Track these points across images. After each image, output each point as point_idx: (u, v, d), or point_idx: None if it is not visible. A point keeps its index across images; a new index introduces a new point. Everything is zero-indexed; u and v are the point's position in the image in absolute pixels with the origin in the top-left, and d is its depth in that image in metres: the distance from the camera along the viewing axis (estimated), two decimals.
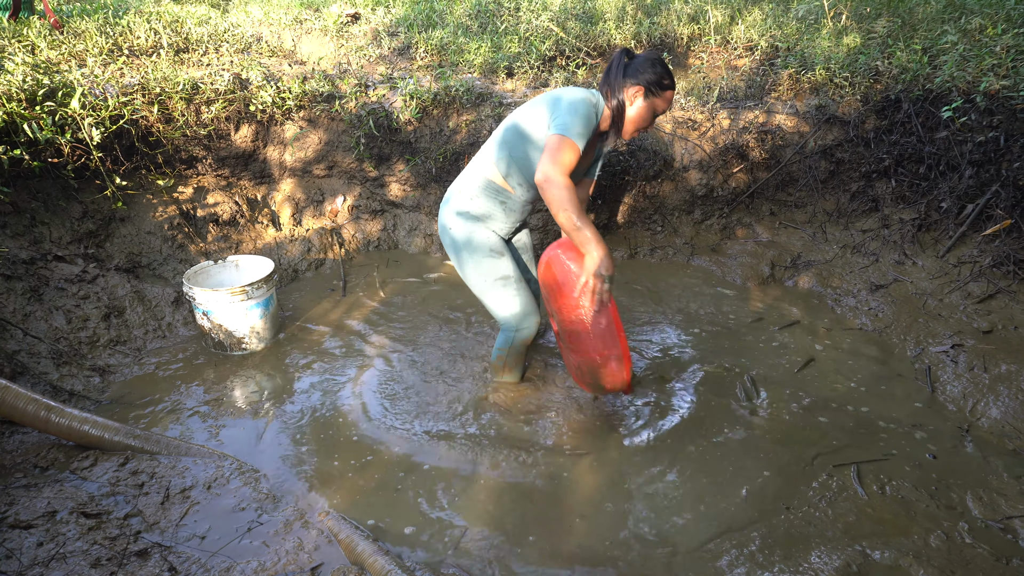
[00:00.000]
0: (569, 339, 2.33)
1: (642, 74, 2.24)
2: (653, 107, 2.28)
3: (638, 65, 2.25)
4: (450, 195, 2.50)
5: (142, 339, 3.05)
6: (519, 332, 2.56)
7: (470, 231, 2.43)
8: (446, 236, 2.50)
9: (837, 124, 3.74)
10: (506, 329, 2.59)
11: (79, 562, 1.77)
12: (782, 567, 1.87)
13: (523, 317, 2.52)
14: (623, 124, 2.30)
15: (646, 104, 2.27)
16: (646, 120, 2.31)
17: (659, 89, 2.25)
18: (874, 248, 3.53)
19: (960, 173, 3.29)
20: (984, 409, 2.51)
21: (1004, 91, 3.10)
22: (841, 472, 2.23)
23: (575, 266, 2.15)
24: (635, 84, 2.24)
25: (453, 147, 3.96)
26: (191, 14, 4.76)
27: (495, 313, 2.54)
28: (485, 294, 2.50)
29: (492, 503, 2.14)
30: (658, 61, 2.25)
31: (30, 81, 3.13)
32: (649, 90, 2.25)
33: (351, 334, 3.20)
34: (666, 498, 2.15)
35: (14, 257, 2.89)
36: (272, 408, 2.65)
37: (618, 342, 2.12)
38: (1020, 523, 1.99)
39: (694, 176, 3.91)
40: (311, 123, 3.97)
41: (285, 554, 1.90)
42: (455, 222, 2.44)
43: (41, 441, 2.31)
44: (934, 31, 3.75)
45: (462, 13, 5.11)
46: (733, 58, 4.43)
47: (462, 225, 2.43)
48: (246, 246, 3.87)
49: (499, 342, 2.66)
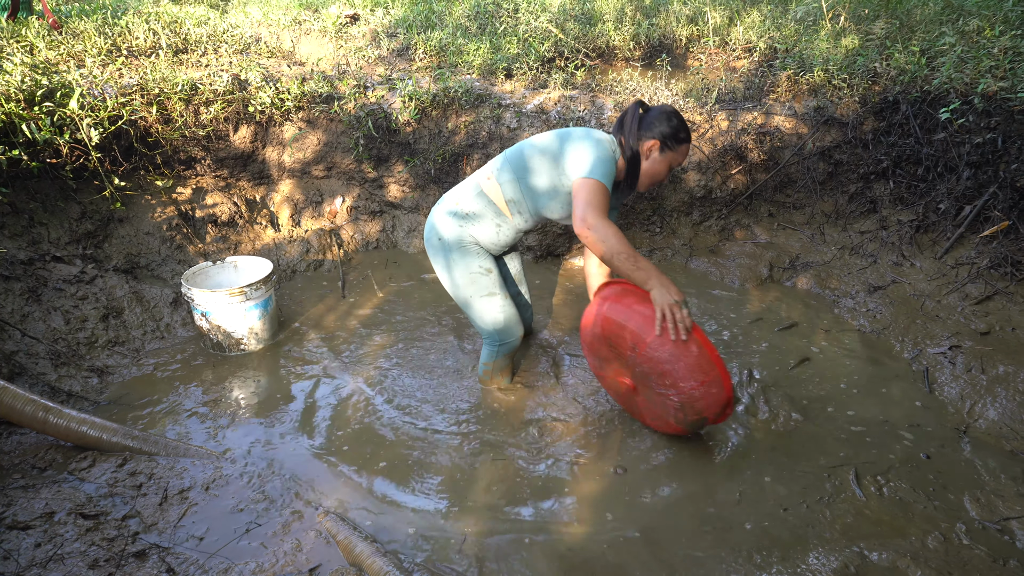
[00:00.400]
0: (658, 383, 2.12)
1: (658, 127, 2.21)
2: (669, 161, 2.26)
3: (653, 118, 2.22)
4: (444, 200, 2.48)
5: (140, 340, 3.05)
6: (503, 346, 2.57)
7: (460, 236, 2.40)
8: (433, 239, 2.45)
9: (835, 126, 3.75)
10: (490, 343, 2.59)
11: (77, 563, 1.77)
12: (780, 568, 1.87)
13: (507, 331, 2.52)
14: (638, 177, 2.27)
15: (662, 158, 2.24)
16: (662, 174, 2.28)
17: (675, 143, 2.22)
18: (872, 249, 3.54)
19: (958, 175, 3.29)
20: (982, 410, 2.52)
21: (1002, 93, 3.10)
22: (839, 473, 2.23)
23: (640, 307, 2.07)
24: (651, 138, 2.21)
25: (452, 148, 3.96)
26: (190, 15, 4.76)
27: (478, 326, 2.54)
28: (469, 307, 2.48)
29: (490, 504, 2.14)
30: (674, 114, 2.22)
31: (28, 81, 3.13)
32: (665, 144, 2.22)
33: (350, 335, 3.20)
34: (663, 499, 2.15)
35: (12, 258, 2.89)
36: (270, 409, 2.64)
37: (713, 365, 2.01)
38: (1017, 524, 2.00)
39: (692, 177, 3.91)
40: (310, 124, 3.97)
41: (283, 555, 1.90)
42: (446, 224, 2.41)
43: (39, 442, 2.31)
44: (932, 33, 3.76)
45: (461, 14, 5.11)
46: (732, 59, 4.43)
47: (455, 229, 2.40)
48: (245, 247, 3.87)
49: (483, 356, 2.66)
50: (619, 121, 2.31)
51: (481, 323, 2.52)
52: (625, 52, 4.67)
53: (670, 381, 2.07)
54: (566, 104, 3.98)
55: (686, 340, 2.00)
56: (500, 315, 2.48)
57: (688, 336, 2.00)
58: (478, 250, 2.44)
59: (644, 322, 2.07)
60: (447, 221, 2.42)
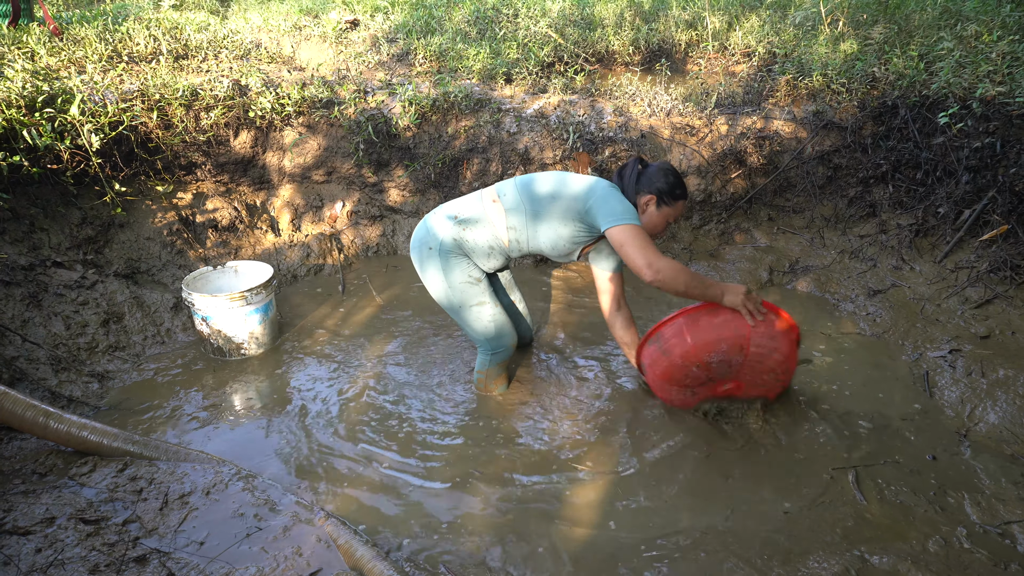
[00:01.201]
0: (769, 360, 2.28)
1: (655, 183, 2.32)
2: (666, 216, 2.35)
3: (651, 174, 2.33)
4: (443, 206, 2.50)
5: (141, 345, 3.05)
6: (495, 354, 2.59)
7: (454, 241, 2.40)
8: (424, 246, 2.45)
9: (834, 130, 3.76)
10: (482, 351, 2.61)
11: (77, 568, 1.77)
12: (780, 572, 1.87)
13: (498, 340, 2.54)
14: None
15: (659, 213, 2.34)
16: (659, 227, 2.37)
17: (671, 199, 2.33)
18: (872, 253, 3.54)
19: (957, 179, 3.30)
20: (982, 414, 2.52)
21: (1000, 97, 3.11)
22: (839, 477, 2.23)
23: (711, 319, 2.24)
24: (648, 193, 2.32)
25: (452, 153, 3.97)
26: (190, 20, 4.78)
27: (469, 334, 2.57)
28: (459, 315, 2.51)
29: (490, 510, 2.14)
30: (671, 171, 2.33)
31: (29, 87, 3.14)
32: (662, 199, 2.32)
33: (350, 339, 3.20)
34: (663, 504, 2.15)
35: (13, 263, 2.90)
36: (271, 413, 2.65)
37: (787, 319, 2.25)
38: (1018, 528, 1.99)
39: (692, 182, 3.92)
40: (310, 129, 3.98)
41: (284, 559, 1.89)
42: (443, 227, 2.41)
43: (39, 447, 2.31)
44: (930, 38, 3.77)
45: (461, 19, 5.13)
46: (731, 64, 4.45)
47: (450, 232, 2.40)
48: (245, 252, 3.88)
49: (477, 364, 2.68)
50: (618, 173, 2.40)
51: (472, 332, 2.54)
52: (624, 57, 4.69)
53: (778, 355, 2.27)
54: (566, 109, 3.99)
55: (763, 319, 2.21)
56: (491, 324, 2.50)
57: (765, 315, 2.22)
58: (468, 261, 2.46)
59: (733, 326, 2.23)
60: (444, 224, 2.42)
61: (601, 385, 2.79)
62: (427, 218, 2.50)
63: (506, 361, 2.65)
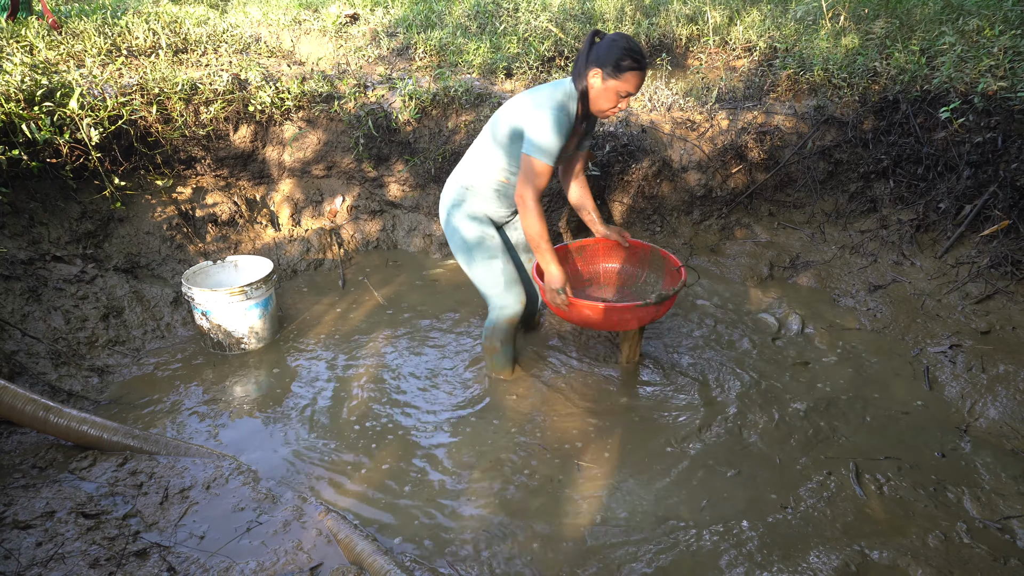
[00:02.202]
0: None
1: (601, 56, 2.23)
2: (615, 89, 2.25)
3: (600, 47, 2.24)
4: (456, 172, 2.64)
5: (141, 339, 3.05)
6: (503, 310, 2.63)
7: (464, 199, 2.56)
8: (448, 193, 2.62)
9: (835, 125, 3.75)
10: (491, 307, 2.66)
11: (78, 562, 1.77)
12: (781, 567, 1.87)
13: (505, 294, 2.59)
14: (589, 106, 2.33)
15: (604, 86, 2.25)
16: (610, 101, 2.28)
17: (616, 71, 2.21)
18: (873, 248, 3.54)
19: (958, 174, 3.29)
20: (982, 409, 2.52)
21: (1002, 92, 3.10)
22: (839, 472, 2.23)
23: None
24: (595, 66, 2.24)
25: (452, 147, 3.96)
26: (189, 14, 4.76)
27: (480, 289, 2.64)
28: (471, 268, 2.60)
29: (491, 503, 2.14)
30: (621, 39, 2.21)
31: (28, 81, 3.12)
32: (607, 72, 2.22)
33: (350, 334, 3.20)
34: (664, 497, 2.15)
35: (12, 257, 2.89)
36: (271, 408, 2.65)
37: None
38: (1018, 523, 2.00)
39: (693, 177, 3.91)
40: (310, 123, 3.97)
41: (284, 554, 1.90)
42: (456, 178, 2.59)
43: (40, 441, 2.31)
44: (932, 32, 3.76)
45: (461, 14, 5.11)
46: (732, 59, 4.44)
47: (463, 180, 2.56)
48: (245, 246, 3.87)
49: (487, 322, 2.73)
50: (578, 54, 2.34)
51: (482, 285, 2.62)
52: None
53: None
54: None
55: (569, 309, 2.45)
56: (501, 277, 2.57)
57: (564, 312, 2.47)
58: (481, 210, 2.59)
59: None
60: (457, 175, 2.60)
61: (601, 382, 2.79)
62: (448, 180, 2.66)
63: (512, 320, 2.64)
